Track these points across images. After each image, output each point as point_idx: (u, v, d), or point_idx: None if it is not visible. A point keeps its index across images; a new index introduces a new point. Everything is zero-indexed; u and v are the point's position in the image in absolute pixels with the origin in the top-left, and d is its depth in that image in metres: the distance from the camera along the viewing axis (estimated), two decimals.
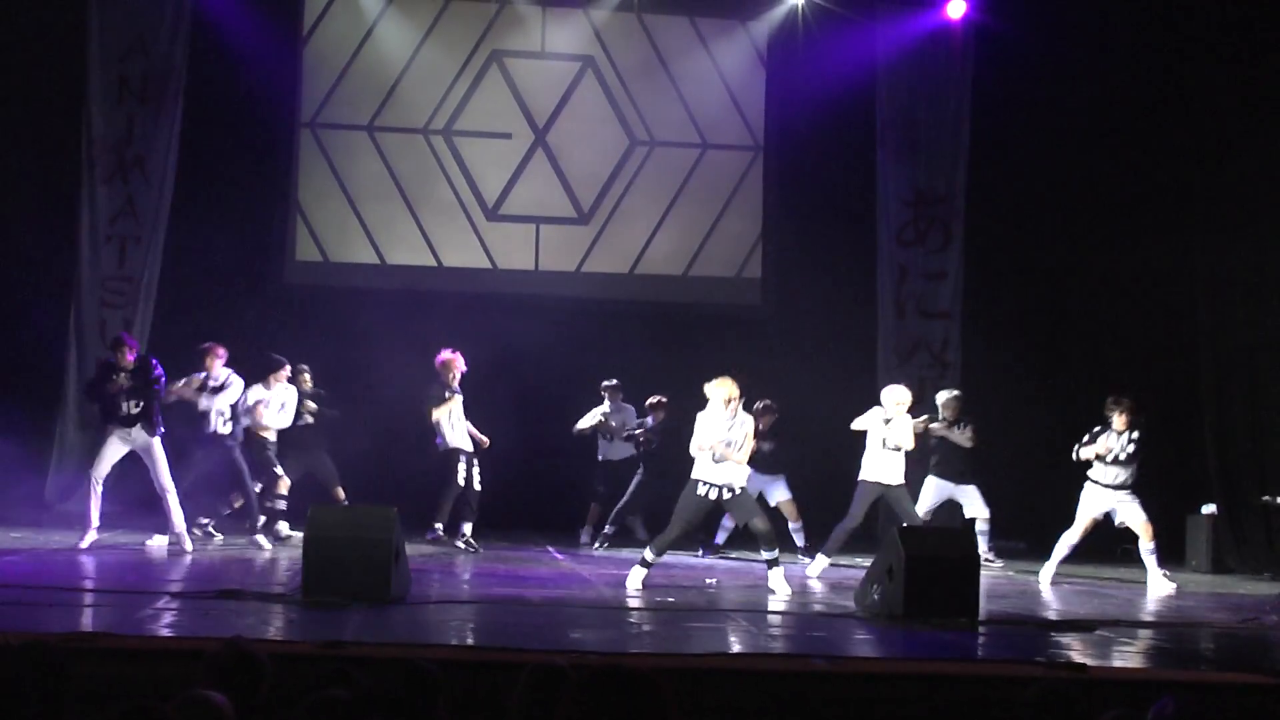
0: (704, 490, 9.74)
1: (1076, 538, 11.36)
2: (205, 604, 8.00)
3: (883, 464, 11.01)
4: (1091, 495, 11.31)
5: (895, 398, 11.13)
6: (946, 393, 12.82)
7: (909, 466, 11.32)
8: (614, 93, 15.53)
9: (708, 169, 15.62)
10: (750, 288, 15.69)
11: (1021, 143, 14.92)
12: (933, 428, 12.15)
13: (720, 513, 12.37)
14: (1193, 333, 14.68)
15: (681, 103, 15.58)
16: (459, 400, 12.14)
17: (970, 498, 12.37)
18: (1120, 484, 11.19)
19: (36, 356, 13.80)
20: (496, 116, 15.35)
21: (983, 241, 15.18)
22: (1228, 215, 14.28)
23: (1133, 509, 11.21)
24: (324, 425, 12.59)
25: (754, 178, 15.68)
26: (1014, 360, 14.85)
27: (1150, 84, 14.78)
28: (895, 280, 15.22)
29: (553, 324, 14.28)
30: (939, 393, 12.97)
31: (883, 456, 11.01)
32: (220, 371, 11.68)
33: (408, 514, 9.26)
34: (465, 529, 12.00)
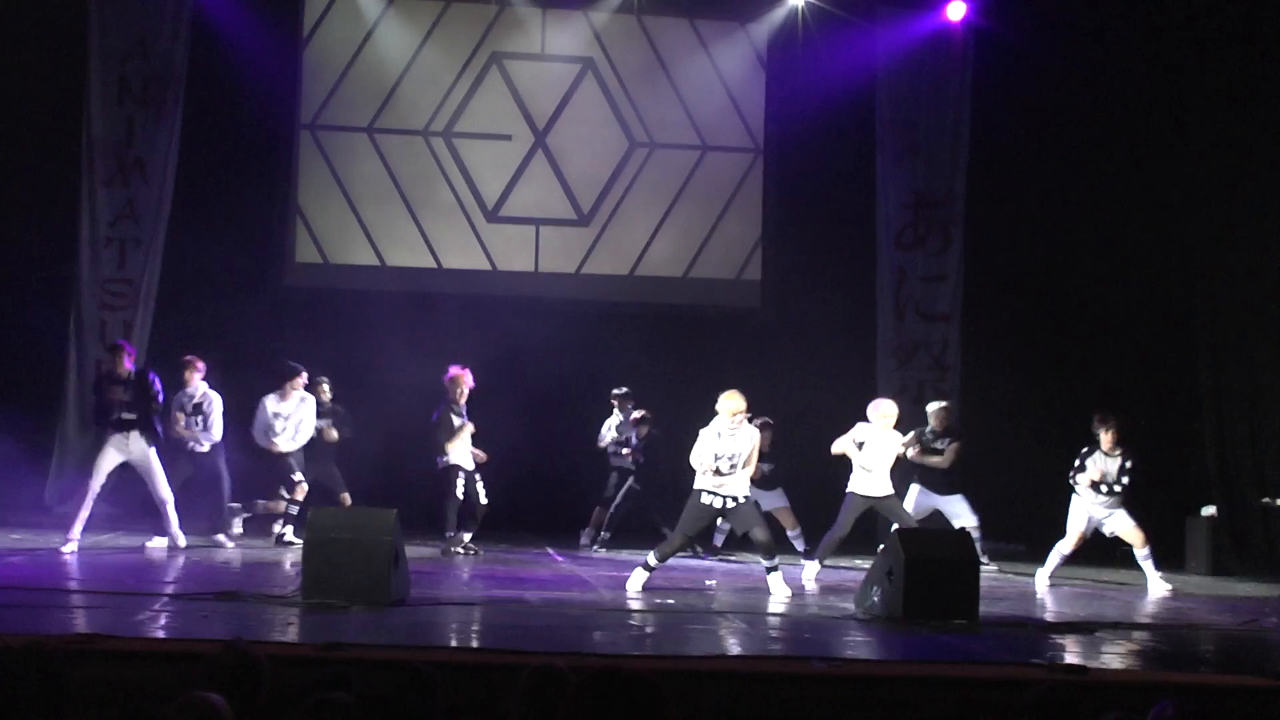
0: (708, 500, 9.77)
1: (1069, 549, 11.38)
2: (204, 606, 8.00)
3: (868, 478, 10.97)
4: (1079, 508, 11.33)
5: (882, 412, 11.02)
6: (936, 403, 12.67)
7: (896, 476, 11.24)
8: (614, 95, 15.53)
9: (707, 171, 15.63)
10: (750, 290, 15.69)
11: (1021, 145, 14.92)
12: (910, 455, 11.96)
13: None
14: (1192, 334, 14.69)
15: (681, 105, 15.59)
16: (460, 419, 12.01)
17: (957, 508, 12.15)
18: (1108, 499, 11.20)
19: (36, 358, 13.80)
20: (496, 118, 15.35)
21: (982, 244, 15.17)
22: (1227, 217, 14.29)
23: (1121, 520, 11.22)
24: (342, 434, 12.58)
25: (754, 180, 15.69)
26: (1013, 363, 14.86)
27: (1149, 87, 14.79)
28: (895, 283, 15.22)
29: (553, 326, 14.27)
30: (930, 403, 12.84)
31: (867, 471, 10.97)
32: (199, 385, 11.67)
33: (408, 516, 9.27)
34: (464, 537, 11.98)
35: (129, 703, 3.60)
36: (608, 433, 13.35)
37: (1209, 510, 13.66)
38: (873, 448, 10.89)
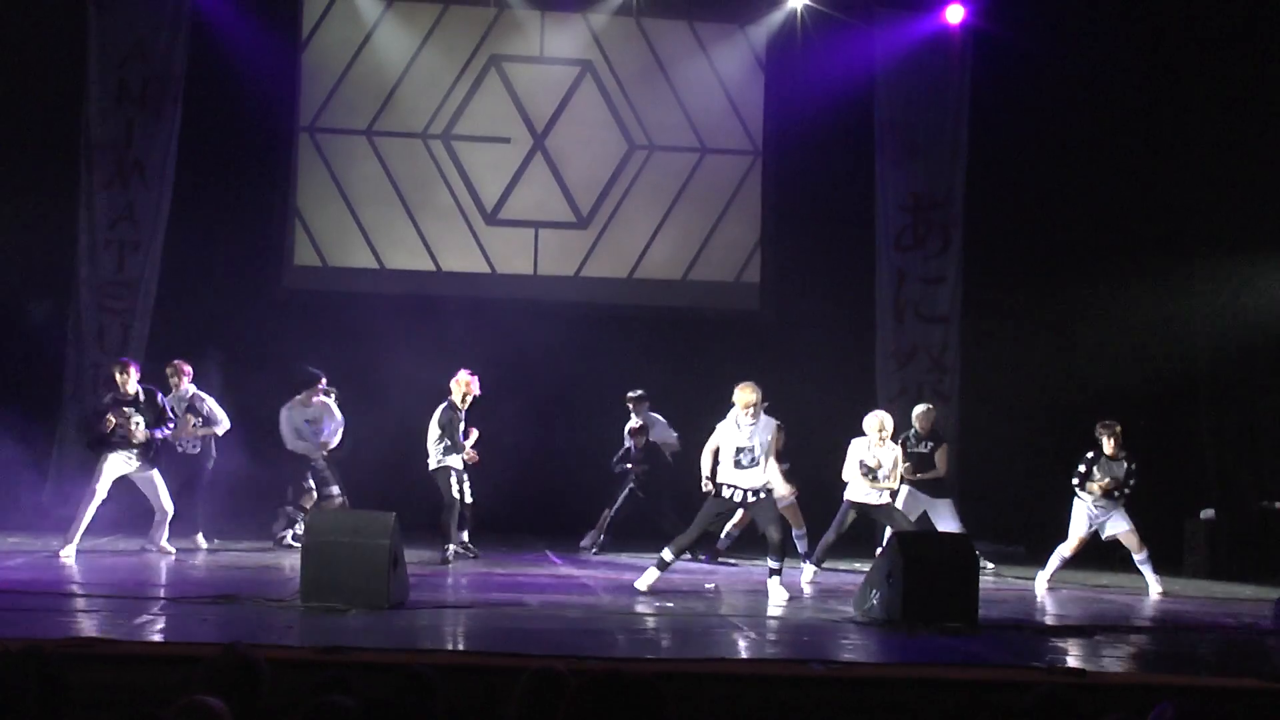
0: (728, 493, 9.76)
1: (1069, 551, 11.39)
2: (203, 609, 7.99)
3: (865, 486, 10.93)
4: (1080, 511, 11.35)
5: (877, 423, 10.94)
6: (920, 406, 12.50)
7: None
8: (613, 97, 15.53)
9: (706, 173, 15.63)
10: (749, 292, 15.68)
11: (1020, 147, 14.93)
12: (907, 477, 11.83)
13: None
14: (1191, 337, 14.69)
15: (680, 107, 15.59)
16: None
17: (943, 513, 12.03)
18: (1111, 505, 11.22)
19: (35, 360, 13.80)
20: (495, 121, 15.35)
21: (981, 246, 15.18)
22: (1226, 217, 14.30)
23: (1120, 523, 11.24)
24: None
25: (752, 182, 15.69)
26: (1012, 364, 14.86)
27: (1148, 88, 14.81)
28: (894, 285, 15.23)
29: (551, 328, 14.26)
30: (915, 406, 12.70)
31: (860, 480, 10.92)
32: (188, 387, 11.69)
33: (408, 519, 9.25)
34: (462, 535, 11.94)
35: (128, 706, 3.60)
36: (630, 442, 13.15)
37: (1207, 513, 13.67)
38: (881, 462, 10.86)
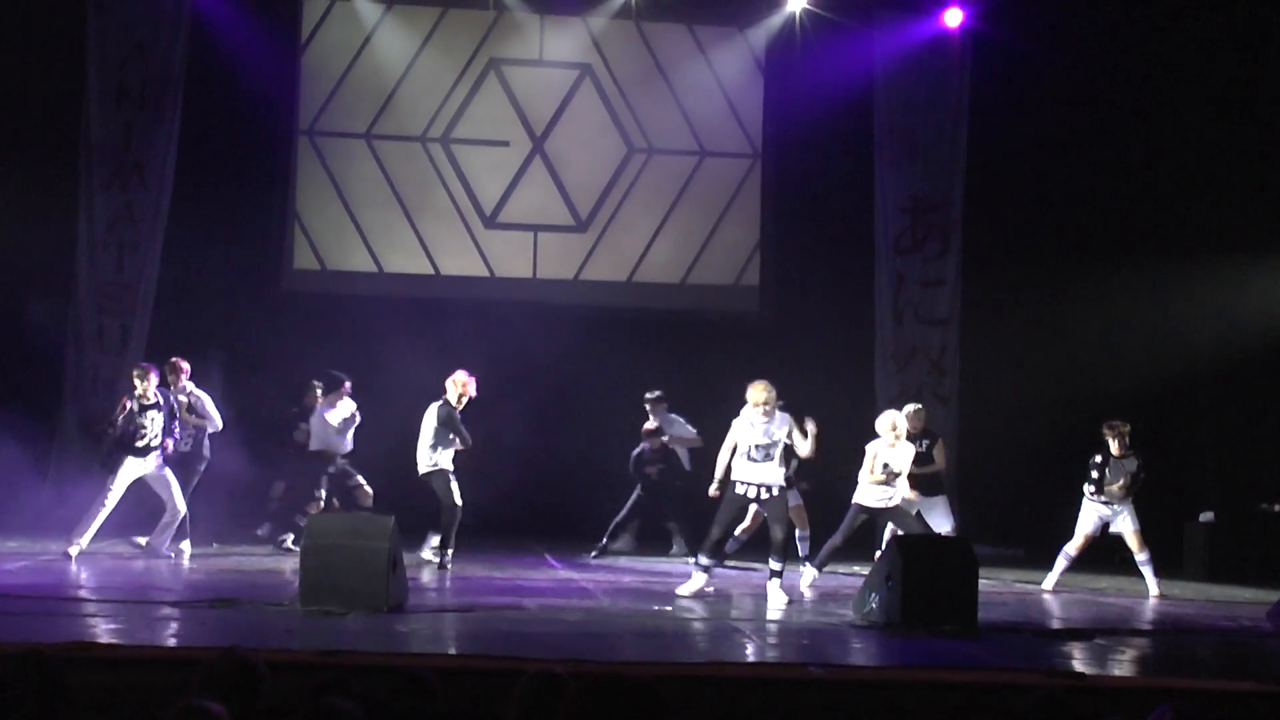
0: (742, 490, 9.77)
1: (1074, 551, 11.40)
2: (202, 613, 7.99)
3: (875, 489, 10.90)
4: (1089, 510, 11.37)
5: (890, 423, 10.85)
6: (911, 406, 12.39)
7: None
8: (612, 100, 15.54)
9: (705, 176, 15.63)
10: (748, 295, 15.68)
11: (1019, 150, 14.94)
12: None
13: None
14: (1190, 339, 14.70)
15: (679, 110, 15.60)
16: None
17: (937, 511, 11.90)
18: (1118, 503, 11.25)
19: (34, 363, 13.80)
20: (494, 124, 15.35)
21: (981, 248, 15.19)
22: (1225, 222, 14.30)
23: (1127, 522, 11.26)
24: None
25: (752, 185, 15.69)
26: (1011, 367, 14.86)
27: (1147, 92, 14.81)
28: (893, 287, 15.23)
29: (551, 332, 14.25)
30: (905, 406, 12.58)
31: (877, 484, 10.86)
32: (185, 384, 11.70)
33: (407, 522, 9.25)
34: (432, 541, 11.62)
35: (128, 709, 3.59)
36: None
37: (1207, 516, 13.67)
38: (893, 464, 10.82)
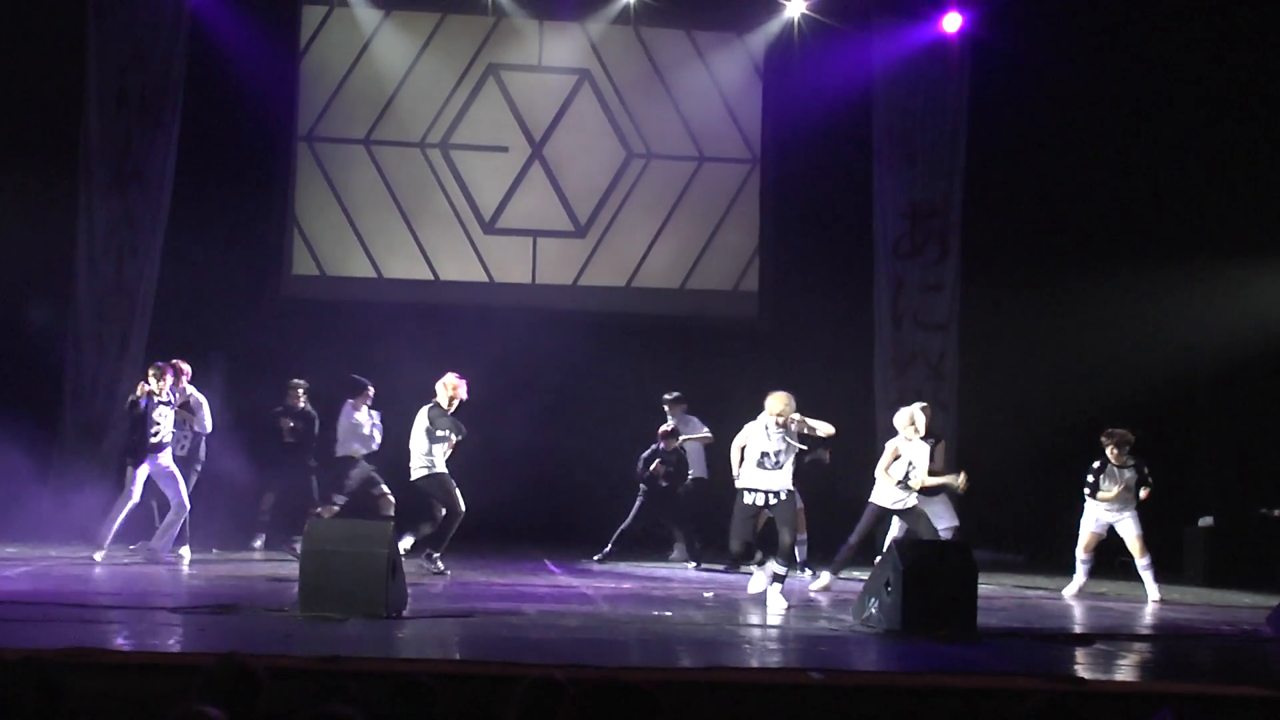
0: (750, 499, 9.77)
1: (1084, 552, 11.47)
2: (202, 618, 7.98)
3: (892, 489, 10.88)
4: (1091, 513, 11.38)
5: (908, 420, 10.86)
6: (916, 405, 12.39)
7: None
8: (611, 105, 15.55)
9: (704, 182, 15.64)
10: (747, 300, 15.69)
11: (1017, 155, 14.95)
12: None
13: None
14: (1189, 344, 14.70)
15: (678, 115, 15.61)
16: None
17: (938, 508, 11.68)
18: (1121, 509, 11.27)
19: (34, 369, 13.78)
20: (493, 129, 15.37)
21: (980, 253, 15.19)
22: (1224, 228, 14.31)
23: (1130, 525, 11.28)
24: (306, 444, 12.55)
25: (751, 190, 15.70)
26: (1011, 372, 14.85)
27: (1146, 97, 14.81)
28: (892, 292, 15.23)
29: (550, 337, 14.25)
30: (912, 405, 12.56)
31: (892, 483, 10.84)
32: (185, 387, 11.74)
33: (405, 527, 9.25)
34: (408, 541, 11.29)
35: (127, 716, 3.59)
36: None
37: (1206, 521, 13.67)
38: (914, 461, 10.80)
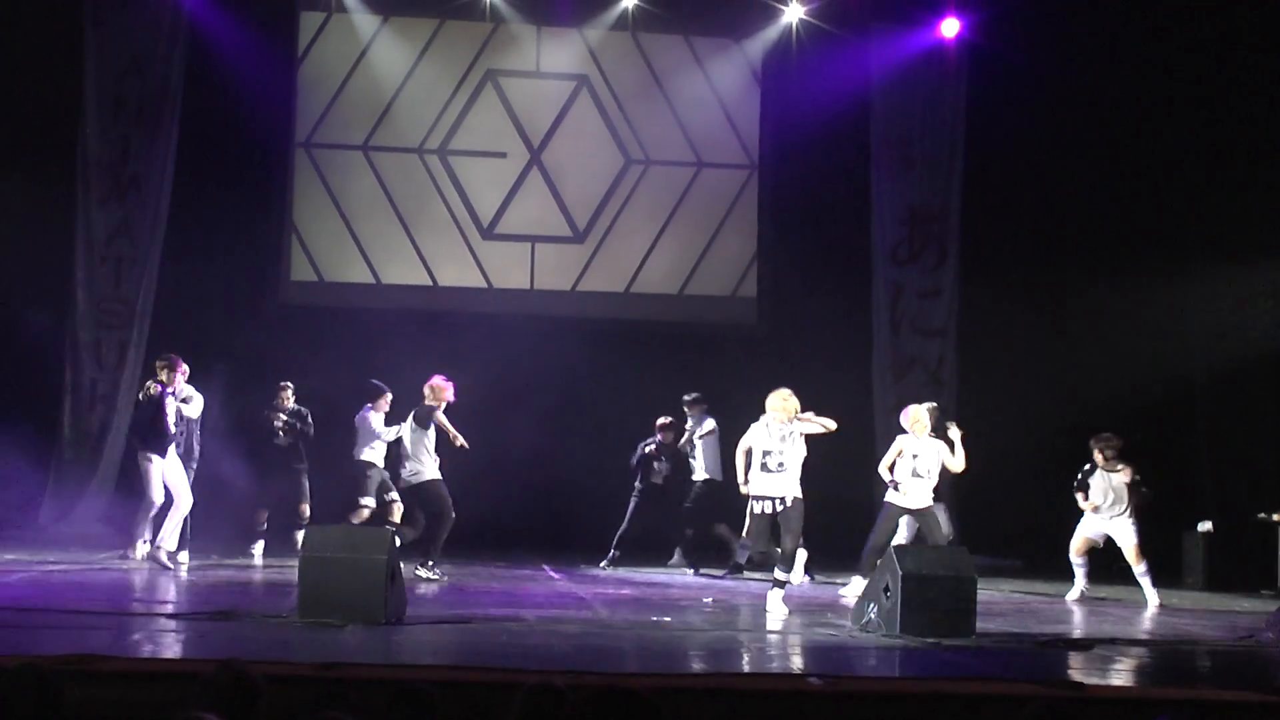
0: (759, 507, 9.71)
1: (1077, 555, 11.47)
2: (201, 625, 7.98)
3: (914, 488, 10.82)
4: (1089, 519, 11.41)
5: (914, 418, 10.81)
6: (925, 404, 12.34)
7: (881, 486, 11.16)
8: (609, 112, 15.57)
9: (703, 188, 15.65)
10: (745, 306, 15.70)
11: (1016, 161, 14.96)
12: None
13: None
14: (1187, 349, 14.71)
15: (676, 122, 15.62)
16: (433, 432, 11.51)
17: (937, 516, 11.94)
18: (1115, 514, 11.28)
19: (32, 377, 13.79)
20: (491, 136, 15.38)
21: (978, 259, 15.21)
22: (1222, 233, 14.33)
23: (1126, 534, 11.28)
24: (298, 446, 12.55)
25: (749, 196, 15.71)
26: (1009, 378, 14.86)
27: (1144, 102, 14.83)
28: (890, 298, 15.24)
29: (548, 343, 14.26)
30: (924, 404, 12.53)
31: (909, 481, 10.77)
32: (182, 385, 11.74)
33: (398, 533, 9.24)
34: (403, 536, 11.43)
35: None
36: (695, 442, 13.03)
37: (1205, 525, 13.67)
38: (921, 458, 10.78)
